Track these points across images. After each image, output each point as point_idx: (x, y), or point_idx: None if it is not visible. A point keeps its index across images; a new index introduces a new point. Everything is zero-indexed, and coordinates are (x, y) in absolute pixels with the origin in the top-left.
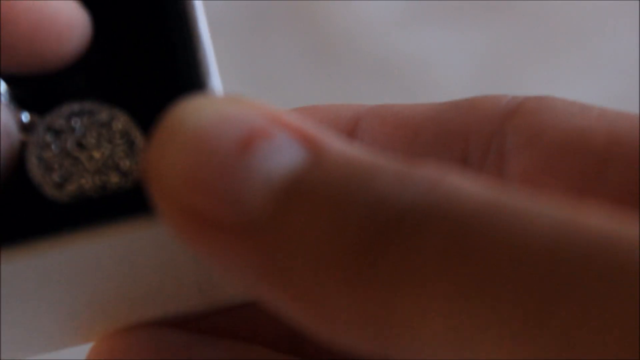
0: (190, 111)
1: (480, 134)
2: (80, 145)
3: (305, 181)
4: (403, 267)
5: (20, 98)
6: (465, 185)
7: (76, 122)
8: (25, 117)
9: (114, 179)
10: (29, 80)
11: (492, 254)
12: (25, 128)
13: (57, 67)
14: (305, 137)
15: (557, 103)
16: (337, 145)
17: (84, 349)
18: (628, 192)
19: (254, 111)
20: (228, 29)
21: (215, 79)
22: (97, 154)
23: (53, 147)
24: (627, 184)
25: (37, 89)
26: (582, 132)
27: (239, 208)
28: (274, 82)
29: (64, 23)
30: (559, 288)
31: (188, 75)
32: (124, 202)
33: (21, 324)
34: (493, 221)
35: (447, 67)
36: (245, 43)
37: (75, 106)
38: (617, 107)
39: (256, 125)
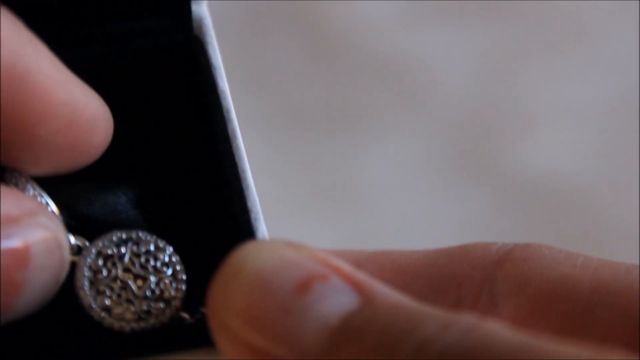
0: (251, 254)
1: (473, 280)
2: (127, 271)
3: (357, 322)
4: None
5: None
6: (500, 330)
7: (125, 250)
8: (72, 239)
9: (159, 305)
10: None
11: None
12: (73, 250)
13: (89, 160)
14: (356, 283)
15: (544, 251)
16: (384, 291)
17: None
18: (608, 336)
19: (310, 256)
20: (228, 29)
21: (263, 226)
22: (143, 282)
23: (104, 271)
24: (612, 330)
25: (89, 215)
26: (567, 279)
27: (295, 346)
28: (273, 82)
29: (93, 116)
30: None
31: (240, 221)
32: (186, 334)
33: None
34: (524, 356)
35: (447, 67)
36: (245, 43)
37: (124, 234)
38: (617, 107)
39: (312, 269)
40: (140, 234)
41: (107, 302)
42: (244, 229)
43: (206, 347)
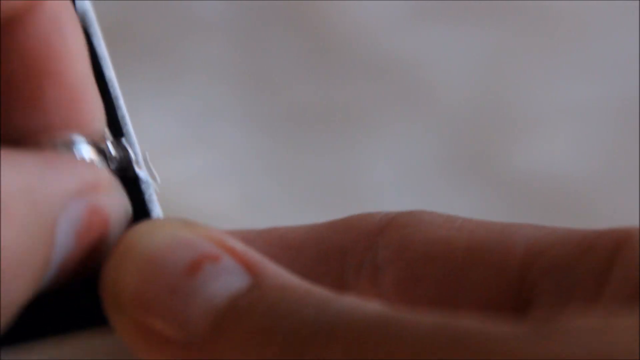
0: (143, 234)
1: (355, 250)
2: None
3: (244, 303)
4: None
5: None
6: (369, 307)
7: None
8: None
9: None
10: None
11: (376, 357)
12: None
13: None
14: (247, 263)
15: (425, 216)
16: (274, 271)
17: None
18: (485, 294)
19: (201, 235)
20: (228, 29)
21: (157, 207)
22: None
23: None
24: (486, 290)
25: None
26: (444, 240)
27: (185, 325)
28: (273, 83)
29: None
30: None
31: (134, 203)
32: (83, 314)
33: None
34: (382, 331)
35: (447, 67)
36: (245, 43)
37: None
38: (617, 107)
39: (204, 249)
40: None
41: None
42: (139, 211)
43: (103, 325)
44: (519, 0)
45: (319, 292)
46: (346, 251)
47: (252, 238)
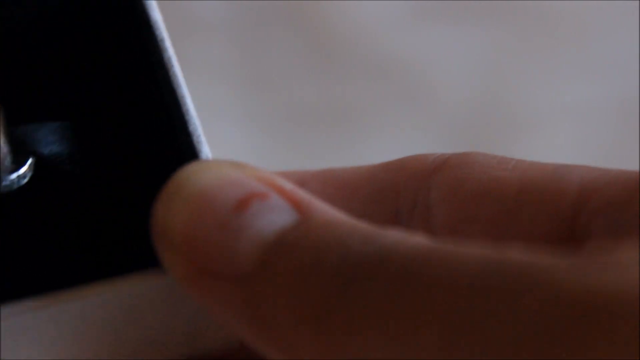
0: (193, 173)
1: (409, 190)
2: None
3: (291, 238)
4: (355, 308)
5: None
6: (416, 240)
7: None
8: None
9: None
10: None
11: (424, 290)
12: None
13: None
14: (295, 200)
15: (479, 158)
16: (322, 208)
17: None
18: (537, 234)
19: (250, 175)
20: (228, 29)
21: (206, 148)
22: None
23: None
24: (537, 227)
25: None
26: (497, 181)
27: (231, 260)
28: (273, 82)
29: None
30: (482, 314)
31: (182, 144)
32: (135, 256)
33: None
34: (432, 264)
35: (447, 67)
36: (245, 43)
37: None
38: (617, 107)
39: (252, 188)
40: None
41: None
42: (187, 152)
43: (155, 268)
44: (519, 0)
45: (365, 226)
46: (399, 191)
47: (307, 179)
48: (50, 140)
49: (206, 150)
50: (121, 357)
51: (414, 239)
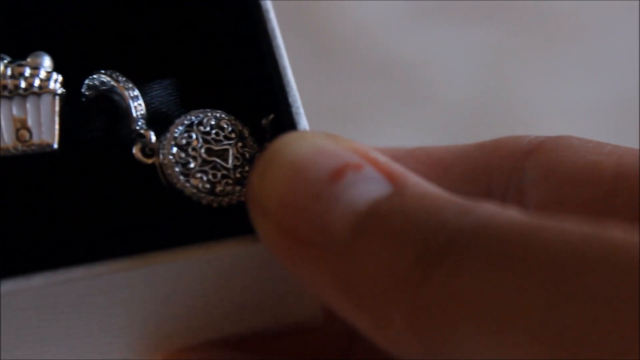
0: (290, 143)
1: (502, 170)
2: (208, 150)
3: (384, 209)
4: (452, 276)
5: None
6: (512, 213)
7: (195, 134)
8: (153, 137)
9: (247, 168)
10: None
11: (524, 263)
12: (146, 153)
13: None
14: (389, 172)
15: (574, 141)
16: (414, 180)
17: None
18: (632, 219)
19: (345, 146)
20: None
21: (304, 120)
22: (226, 154)
23: (190, 161)
24: (632, 211)
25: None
26: (593, 165)
27: (326, 229)
28: None
29: None
30: (584, 286)
31: (281, 114)
32: (228, 222)
33: (108, 331)
34: (528, 237)
35: (447, 67)
36: None
37: (184, 121)
38: (617, 107)
39: (347, 158)
40: (193, 115)
41: (208, 185)
42: (286, 121)
43: (246, 234)
44: (519, 0)
45: (459, 199)
46: (493, 172)
47: (400, 156)
48: (161, 95)
49: (304, 122)
50: (208, 322)
51: (510, 212)
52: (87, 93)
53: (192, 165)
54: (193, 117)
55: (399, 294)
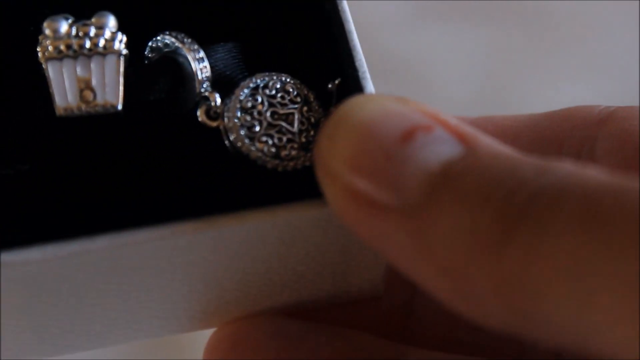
0: (359, 105)
1: (573, 140)
2: (274, 114)
3: (458, 169)
4: (537, 236)
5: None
6: (598, 175)
7: (260, 97)
8: (218, 99)
9: (312, 133)
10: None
11: (616, 223)
12: (210, 115)
13: None
14: (460, 134)
15: None
16: (486, 141)
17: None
18: None
19: (415, 108)
20: None
21: (370, 84)
22: (292, 117)
23: (255, 125)
24: None
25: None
26: None
27: (398, 190)
28: None
29: None
30: None
31: (348, 77)
32: (293, 186)
33: (169, 298)
34: (618, 197)
35: (448, 67)
36: None
37: (249, 84)
38: None
39: (417, 120)
40: (259, 78)
41: (274, 149)
42: (353, 85)
43: (311, 198)
44: (519, 0)
45: (535, 159)
46: (563, 141)
47: (467, 123)
48: (225, 58)
49: (370, 86)
50: (268, 289)
51: (590, 171)
52: (150, 55)
53: (257, 128)
54: (259, 80)
55: (480, 255)
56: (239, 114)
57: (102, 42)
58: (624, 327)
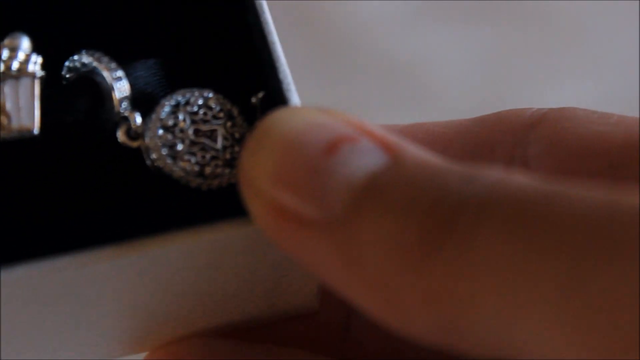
0: (280, 118)
1: (505, 144)
2: (196, 132)
3: (383, 180)
4: (463, 246)
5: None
6: (520, 179)
7: (182, 115)
8: (138, 118)
9: (237, 149)
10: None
11: (546, 229)
12: (130, 135)
13: None
14: (385, 143)
15: (578, 112)
16: (413, 151)
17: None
18: None
19: (339, 120)
20: None
21: (295, 96)
22: (214, 134)
23: (177, 143)
24: None
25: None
26: (600, 136)
27: (323, 204)
28: None
29: None
30: (601, 254)
31: (272, 90)
32: (218, 205)
33: (97, 324)
34: (545, 204)
35: (448, 67)
36: None
37: (169, 102)
38: (617, 107)
39: (342, 131)
40: (180, 95)
41: (197, 167)
42: (277, 98)
43: (237, 216)
44: (519, 0)
45: (461, 167)
46: (495, 146)
47: (396, 132)
48: (145, 75)
49: (296, 98)
50: (199, 311)
51: (517, 179)
52: (67, 75)
53: (179, 147)
54: (180, 97)
55: (407, 267)
56: (160, 133)
57: (15, 65)
58: (555, 334)
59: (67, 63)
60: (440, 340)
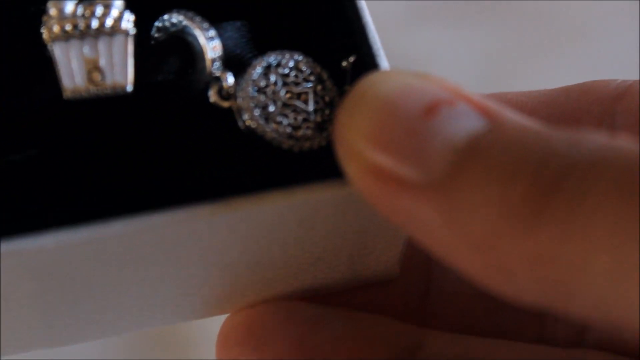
0: (377, 81)
1: (591, 115)
2: (288, 93)
3: (485, 143)
4: (572, 209)
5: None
6: (626, 144)
7: (274, 77)
8: (231, 79)
9: (327, 112)
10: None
11: None
12: (222, 95)
13: None
14: (483, 108)
15: None
16: (513, 115)
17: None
18: None
19: (436, 83)
20: None
21: (385, 61)
22: (306, 96)
23: (270, 104)
24: None
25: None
26: None
27: (423, 166)
28: None
29: None
30: None
31: (363, 54)
32: (309, 167)
33: (184, 284)
34: None
35: (447, 67)
36: None
37: (261, 63)
38: None
39: (440, 95)
40: (271, 57)
41: (289, 129)
42: (369, 62)
43: (331, 178)
44: (519, 0)
45: (562, 131)
46: (580, 117)
47: (491, 98)
48: (234, 37)
49: (385, 62)
50: (284, 273)
51: (623, 142)
52: (156, 35)
53: (272, 108)
54: (271, 59)
55: (512, 229)
56: (252, 94)
57: (109, 22)
58: None
59: (157, 22)
60: (543, 302)
